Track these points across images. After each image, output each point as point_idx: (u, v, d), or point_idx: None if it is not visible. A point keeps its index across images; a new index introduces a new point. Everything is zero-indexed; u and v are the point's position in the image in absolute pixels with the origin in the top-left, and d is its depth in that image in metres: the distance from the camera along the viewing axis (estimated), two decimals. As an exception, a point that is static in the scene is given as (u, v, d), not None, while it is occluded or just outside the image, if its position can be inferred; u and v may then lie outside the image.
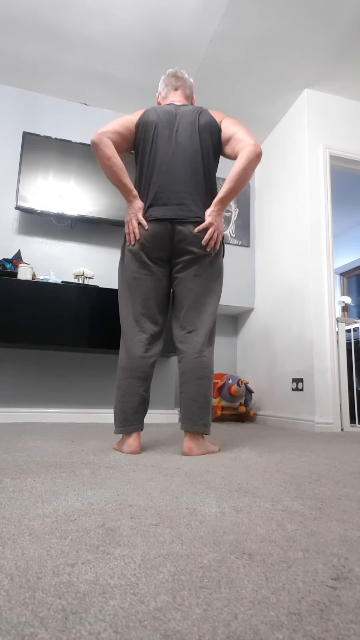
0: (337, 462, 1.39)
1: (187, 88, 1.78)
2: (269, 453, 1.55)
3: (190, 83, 1.80)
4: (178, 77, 1.77)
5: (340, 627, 0.41)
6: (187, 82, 1.79)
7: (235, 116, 3.24)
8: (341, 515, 0.78)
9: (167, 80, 1.77)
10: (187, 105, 1.68)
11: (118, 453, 1.46)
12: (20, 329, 2.37)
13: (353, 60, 2.72)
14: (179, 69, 1.80)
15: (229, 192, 1.52)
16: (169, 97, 1.76)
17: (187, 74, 1.80)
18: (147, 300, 1.58)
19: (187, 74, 1.80)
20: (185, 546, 0.61)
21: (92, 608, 0.43)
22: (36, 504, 0.80)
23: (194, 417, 1.49)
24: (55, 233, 2.99)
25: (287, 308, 3.01)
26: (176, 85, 1.76)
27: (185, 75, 1.78)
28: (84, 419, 2.75)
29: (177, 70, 1.78)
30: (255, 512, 0.78)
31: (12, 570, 0.51)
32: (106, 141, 1.50)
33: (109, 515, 0.74)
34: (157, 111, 1.64)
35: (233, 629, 0.40)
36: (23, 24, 2.52)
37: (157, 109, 1.65)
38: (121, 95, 3.13)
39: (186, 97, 1.78)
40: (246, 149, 1.51)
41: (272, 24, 2.44)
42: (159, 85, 1.82)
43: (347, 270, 5.86)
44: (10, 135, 3.01)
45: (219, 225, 1.56)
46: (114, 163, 1.51)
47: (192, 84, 1.82)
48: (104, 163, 1.51)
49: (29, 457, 1.32)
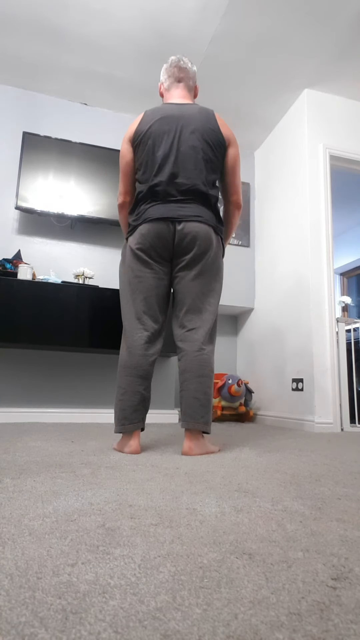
0: (337, 462, 1.39)
1: (190, 79, 1.77)
2: (269, 453, 1.55)
3: (194, 72, 1.78)
4: (181, 67, 1.74)
5: (340, 627, 0.41)
6: (190, 72, 1.76)
7: (235, 116, 3.24)
8: (341, 515, 0.78)
9: (170, 70, 1.75)
10: (191, 105, 1.66)
11: (118, 453, 1.46)
12: (20, 329, 2.37)
13: (353, 60, 2.72)
14: (182, 56, 1.77)
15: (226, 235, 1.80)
16: (172, 90, 1.74)
17: (190, 62, 1.77)
18: (148, 298, 1.58)
19: (190, 62, 1.77)
20: (185, 546, 0.61)
21: (92, 608, 0.43)
22: (36, 504, 0.80)
23: (195, 414, 1.49)
24: (55, 233, 2.99)
25: (287, 308, 3.01)
26: (179, 77, 1.74)
27: (188, 64, 1.75)
28: (84, 419, 2.75)
29: (180, 59, 1.75)
30: (255, 512, 0.78)
31: (12, 570, 0.51)
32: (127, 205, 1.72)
33: (109, 515, 0.74)
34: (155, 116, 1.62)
35: (233, 629, 0.40)
36: (23, 24, 2.52)
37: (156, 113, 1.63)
38: (121, 95, 3.13)
39: (189, 89, 1.77)
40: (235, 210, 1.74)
41: (272, 23, 2.44)
42: (161, 74, 1.79)
43: (347, 270, 5.86)
44: (10, 135, 3.01)
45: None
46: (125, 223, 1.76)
47: (195, 72, 1.79)
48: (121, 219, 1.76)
49: (29, 457, 1.32)
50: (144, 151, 1.61)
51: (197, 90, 1.84)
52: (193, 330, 1.57)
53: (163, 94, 1.78)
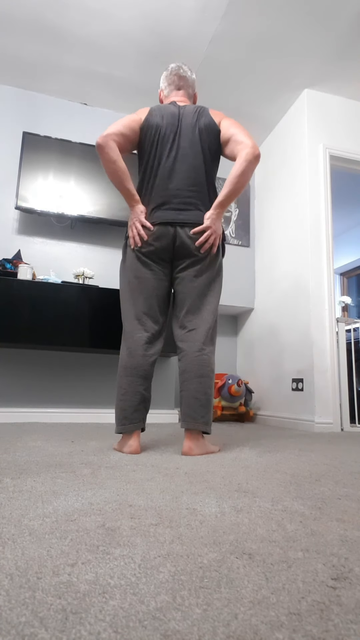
0: (337, 462, 1.39)
1: (190, 87, 1.78)
2: (269, 453, 1.55)
3: (193, 80, 1.79)
4: (180, 75, 1.75)
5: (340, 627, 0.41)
6: (190, 80, 1.77)
7: (235, 116, 3.24)
8: (341, 515, 0.78)
9: (170, 78, 1.76)
10: (189, 106, 1.68)
11: (118, 453, 1.46)
12: (20, 329, 2.37)
13: (353, 60, 2.72)
14: (182, 64, 1.77)
15: (229, 195, 1.53)
16: (171, 97, 1.76)
17: (189, 70, 1.77)
18: (148, 298, 1.58)
19: (189, 70, 1.77)
20: (185, 546, 0.61)
21: (92, 608, 0.43)
22: (36, 504, 0.80)
23: (195, 414, 1.49)
24: (55, 233, 2.99)
25: (287, 308, 3.01)
26: (179, 85, 1.76)
27: (187, 73, 1.77)
28: (84, 419, 2.75)
29: (180, 67, 1.76)
30: (255, 512, 0.78)
31: (12, 570, 0.51)
32: (112, 144, 1.49)
33: (109, 515, 0.74)
34: (162, 113, 1.63)
35: (233, 629, 0.40)
36: (23, 24, 2.52)
37: (162, 111, 1.64)
38: (121, 95, 3.13)
39: (189, 96, 1.78)
40: (244, 151, 1.50)
41: (272, 24, 2.44)
42: (161, 80, 1.80)
43: (347, 270, 5.86)
44: (10, 135, 3.01)
45: (217, 229, 1.57)
46: (119, 167, 1.50)
47: (195, 80, 1.80)
48: (108, 167, 1.51)
49: (29, 457, 1.32)
50: (147, 151, 1.61)
51: (196, 98, 1.86)
52: (193, 331, 1.57)
53: (163, 100, 1.80)
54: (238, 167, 1.49)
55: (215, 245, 1.58)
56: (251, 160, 1.49)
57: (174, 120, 1.62)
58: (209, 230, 1.54)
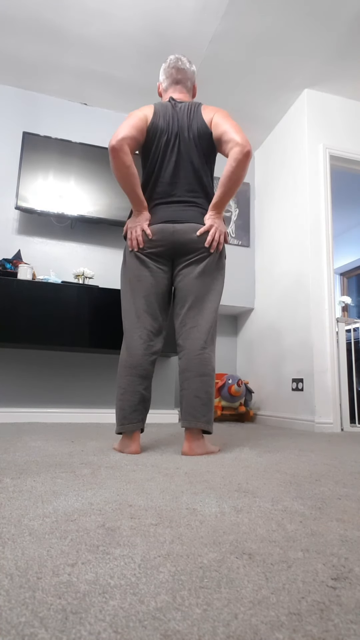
0: (337, 462, 1.39)
1: (189, 80, 1.76)
2: (269, 453, 1.55)
3: (192, 72, 1.77)
4: (179, 68, 1.73)
5: (340, 627, 0.41)
6: (189, 72, 1.75)
7: (235, 116, 3.24)
8: (341, 515, 0.78)
9: (168, 71, 1.74)
10: (184, 103, 1.66)
11: (118, 453, 1.46)
12: (20, 329, 2.37)
13: (353, 60, 2.72)
14: (181, 55, 1.75)
15: (223, 197, 1.53)
16: (169, 92, 1.74)
17: (188, 62, 1.75)
18: (148, 296, 1.59)
19: (188, 62, 1.75)
20: (185, 546, 0.61)
21: (92, 608, 0.43)
22: (36, 504, 0.80)
23: (197, 413, 1.49)
24: (55, 233, 2.99)
25: (287, 308, 3.00)
26: (177, 79, 1.74)
27: (186, 65, 1.74)
28: (84, 419, 2.75)
29: (179, 59, 1.73)
30: (255, 512, 0.78)
31: (12, 570, 0.51)
32: (126, 149, 1.47)
33: (109, 515, 0.74)
34: (164, 113, 1.62)
35: (233, 629, 0.40)
36: (23, 24, 2.52)
37: (163, 111, 1.63)
38: (121, 95, 3.13)
39: (187, 90, 1.76)
40: (232, 150, 1.48)
41: (272, 23, 2.44)
42: (160, 73, 1.79)
43: (347, 270, 5.86)
44: (10, 135, 3.01)
45: (219, 226, 1.58)
46: (132, 172, 1.49)
47: (194, 72, 1.78)
48: (121, 170, 1.48)
49: (29, 457, 1.32)
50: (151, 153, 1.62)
51: (196, 89, 1.84)
52: (195, 328, 1.57)
53: (161, 94, 1.79)
54: (228, 168, 1.48)
55: (221, 243, 1.60)
56: (240, 159, 1.46)
57: (173, 122, 1.62)
58: (213, 229, 1.56)
